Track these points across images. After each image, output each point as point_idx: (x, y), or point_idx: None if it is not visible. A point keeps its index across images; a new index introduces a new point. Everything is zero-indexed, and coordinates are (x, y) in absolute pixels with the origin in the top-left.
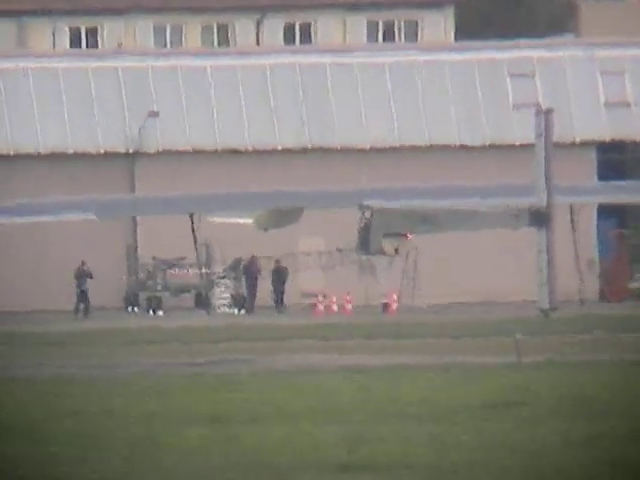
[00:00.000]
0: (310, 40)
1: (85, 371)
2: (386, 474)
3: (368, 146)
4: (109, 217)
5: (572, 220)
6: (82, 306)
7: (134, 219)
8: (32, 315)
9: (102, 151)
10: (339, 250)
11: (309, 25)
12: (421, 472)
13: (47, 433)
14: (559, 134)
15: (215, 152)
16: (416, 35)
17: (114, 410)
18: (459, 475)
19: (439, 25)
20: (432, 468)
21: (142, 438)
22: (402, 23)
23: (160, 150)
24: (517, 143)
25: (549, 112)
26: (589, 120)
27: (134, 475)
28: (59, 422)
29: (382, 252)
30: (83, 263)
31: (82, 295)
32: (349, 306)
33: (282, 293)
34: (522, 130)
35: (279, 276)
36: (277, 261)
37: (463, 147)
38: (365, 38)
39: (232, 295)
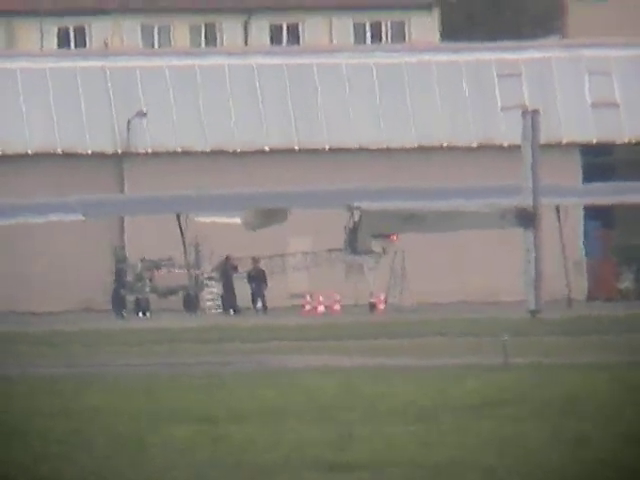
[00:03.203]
0: (297, 41)
1: (73, 370)
2: (372, 473)
3: (356, 147)
4: (97, 217)
5: (559, 221)
6: (120, 305)
7: (121, 220)
8: (18, 316)
9: (90, 151)
10: (329, 251)
11: (296, 26)
12: (406, 471)
13: (33, 431)
14: (546, 135)
15: (203, 152)
16: (403, 36)
17: (101, 409)
18: (444, 473)
19: (426, 26)
20: (417, 467)
21: (129, 437)
22: (389, 24)
23: (148, 150)
24: (505, 144)
25: (536, 113)
26: (576, 121)
27: (120, 473)
28: (46, 420)
29: (370, 252)
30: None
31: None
32: (337, 306)
33: (261, 294)
34: (509, 131)
35: (255, 278)
36: (255, 261)
37: (450, 148)
38: (352, 39)
39: (221, 296)
